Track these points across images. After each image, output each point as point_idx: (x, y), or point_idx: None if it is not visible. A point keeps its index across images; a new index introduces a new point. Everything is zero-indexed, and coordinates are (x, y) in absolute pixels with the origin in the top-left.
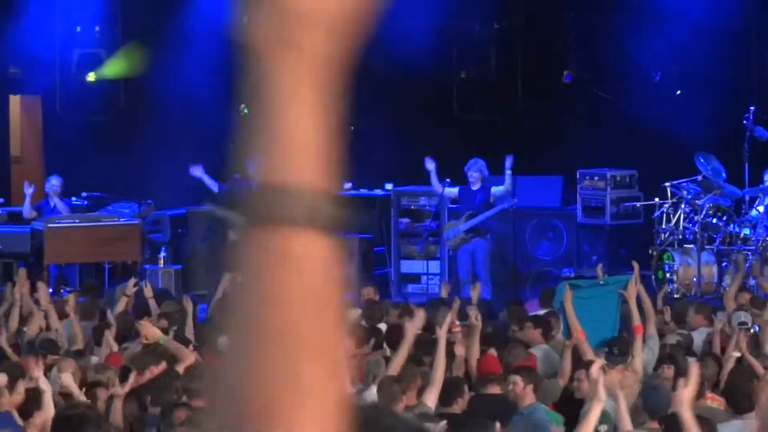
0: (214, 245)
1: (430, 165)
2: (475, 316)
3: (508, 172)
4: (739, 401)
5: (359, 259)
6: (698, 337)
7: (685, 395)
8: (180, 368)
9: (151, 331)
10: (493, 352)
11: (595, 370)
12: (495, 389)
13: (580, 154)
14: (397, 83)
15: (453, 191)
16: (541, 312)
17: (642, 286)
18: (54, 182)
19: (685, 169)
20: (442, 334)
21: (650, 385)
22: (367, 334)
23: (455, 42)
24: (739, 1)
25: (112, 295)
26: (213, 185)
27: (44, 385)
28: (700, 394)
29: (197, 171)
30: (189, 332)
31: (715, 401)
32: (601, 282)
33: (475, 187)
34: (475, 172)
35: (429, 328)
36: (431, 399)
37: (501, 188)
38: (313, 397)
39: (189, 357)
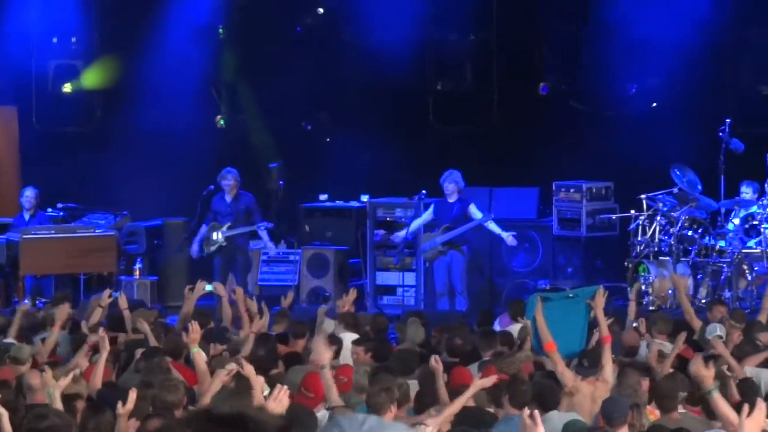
0: (189, 257)
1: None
2: (434, 359)
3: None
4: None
5: (335, 270)
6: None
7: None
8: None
9: (195, 337)
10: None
11: (526, 415)
12: (468, 402)
13: (556, 166)
14: (373, 95)
15: (428, 215)
16: (512, 326)
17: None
18: (28, 194)
19: (660, 181)
20: (479, 383)
21: (610, 397)
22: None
23: (431, 53)
24: (714, 14)
25: (86, 307)
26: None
27: (1, 408)
28: (672, 407)
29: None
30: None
31: (692, 412)
32: (571, 295)
33: (451, 200)
34: (451, 183)
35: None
36: (433, 426)
37: (477, 215)
38: None
39: (206, 379)
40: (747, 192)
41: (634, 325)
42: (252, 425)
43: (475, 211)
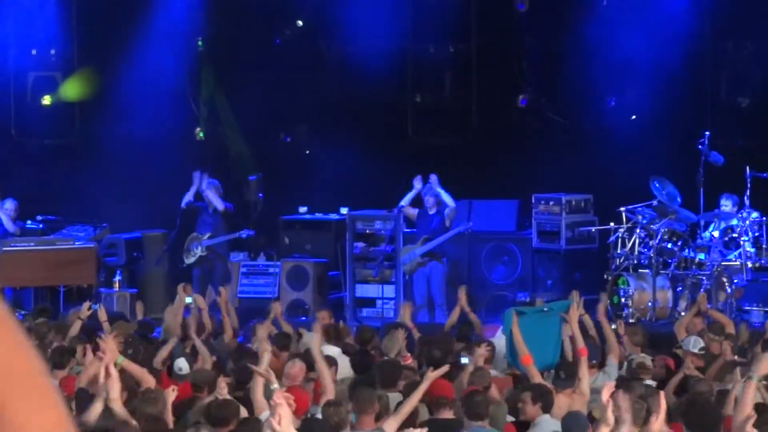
0: (169, 269)
1: (418, 184)
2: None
3: (439, 189)
4: (700, 427)
5: (314, 283)
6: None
7: (655, 428)
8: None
9: (111, 347)
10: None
11: (605, 394)
12: (447, 414)
13: (535, 179)
14: (352, 107)
15: (413, 212)
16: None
17: (604, 317)
18: (8, 206)
19: (640, 193)
20: (432, 375)
21: (569, 413)
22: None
23: (410, 65)
24: (692, 27)
25: (66, 319)
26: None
27: None
28: (646, 420)
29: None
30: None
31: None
32: (545, 309)
33: (431, 212)
34: (431, 196)
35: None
36: (392, 427)
37: (449, 208)
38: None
39: (150, 380)
40: (726, 205)
41: (613, 327)
42: None
43: (448, 211)
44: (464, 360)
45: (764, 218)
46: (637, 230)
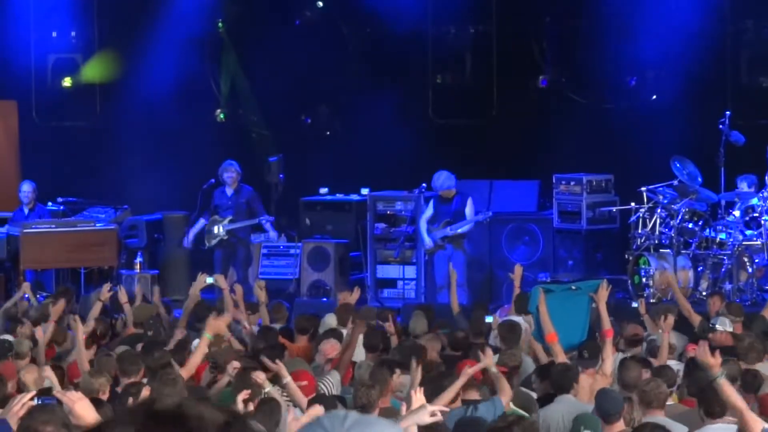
0: (190, 251)
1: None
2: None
3: (473, 217)
4: (712, 405)
5: (335, 263)
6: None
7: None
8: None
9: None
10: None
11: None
12: (474, 395)
13: (556, 159)
14: (373, 88)
15: (429, 211)
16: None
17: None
18: (26, 188)
19: (661, 173)
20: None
21: (602, 390)
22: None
23: (431, 46)
24: (714, 6)
25: (87, 301)
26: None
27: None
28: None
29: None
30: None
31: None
32: (573, 287)
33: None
34: (445, 189)
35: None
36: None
37: (472, 215)
38: None
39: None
40: (742, 186)
41: (634, 305)
42: (192, 422)
43: (469, 212)
44: (489, 319)
45: None
46: (658, 210)
